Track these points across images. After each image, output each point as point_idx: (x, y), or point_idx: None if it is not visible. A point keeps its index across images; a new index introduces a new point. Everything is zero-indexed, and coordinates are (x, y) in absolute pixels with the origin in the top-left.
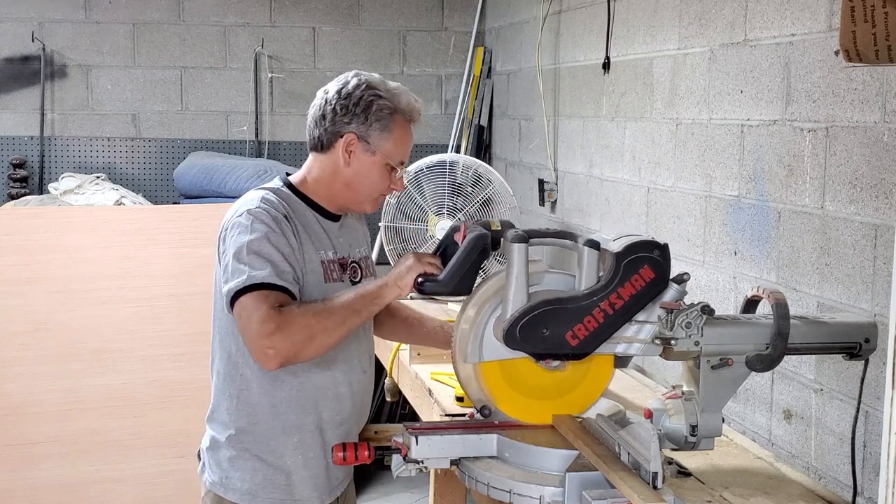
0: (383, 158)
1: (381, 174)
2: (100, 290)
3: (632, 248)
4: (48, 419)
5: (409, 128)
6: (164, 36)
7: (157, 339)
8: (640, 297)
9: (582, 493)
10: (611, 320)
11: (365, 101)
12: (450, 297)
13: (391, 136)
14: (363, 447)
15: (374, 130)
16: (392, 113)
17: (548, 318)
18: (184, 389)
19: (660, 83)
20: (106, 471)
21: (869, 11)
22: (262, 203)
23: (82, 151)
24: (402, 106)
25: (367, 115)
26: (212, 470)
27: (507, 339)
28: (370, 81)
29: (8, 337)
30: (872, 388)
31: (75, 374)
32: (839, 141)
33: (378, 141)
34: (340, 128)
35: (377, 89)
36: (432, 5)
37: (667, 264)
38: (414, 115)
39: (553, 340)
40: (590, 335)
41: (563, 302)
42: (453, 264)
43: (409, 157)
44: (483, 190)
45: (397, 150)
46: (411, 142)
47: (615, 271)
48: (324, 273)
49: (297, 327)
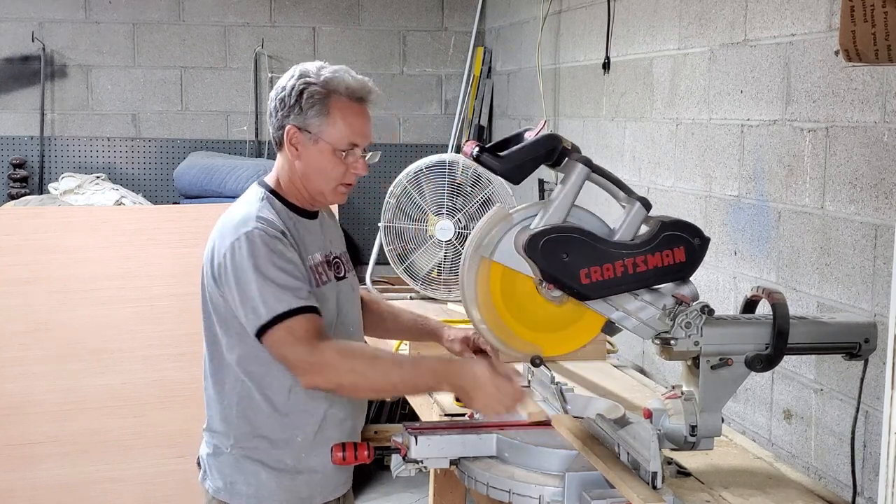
0: (327, 144)
1: (330, 161)
2: (100, 290)
3: (677, 225)
4: (48, 419)
5: (354, 107)
6: (164, 36)
7: (157, 339)
8: (662, 274)
9: (581, 493)
10: (626, 279)
11: (296, 90)
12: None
13: (330, 119)
14: (363, 447)
15: (311, 118)
16: (326, 97)
17: (573, 246)
18: (184, 389)
19: (660, 83)
20: (106, 471)
21: (868, 11)
22: (257, 223)
23: (82, 151)
24: (336, 87)
25: (301, 104)
26: (214, 477)
27: (529, 245)
28: (303, 71)
29: (8, 337)
30: (872, 388)
31: (75, 374)
32: (839, 141)
33: (318, 128)
34: (282, 122)
35: (307, 77)
36: (432, 5)
37: (700, 255)
38: (356, 92)
39: (568, 268)
40: (601, 282)
41: (594, 239)
42: (519, 149)
43: (368, 137)
44: (483, 190)
45: (341, 133)
46: (361, 120)
47: (653, 237)
48: (315, 279)
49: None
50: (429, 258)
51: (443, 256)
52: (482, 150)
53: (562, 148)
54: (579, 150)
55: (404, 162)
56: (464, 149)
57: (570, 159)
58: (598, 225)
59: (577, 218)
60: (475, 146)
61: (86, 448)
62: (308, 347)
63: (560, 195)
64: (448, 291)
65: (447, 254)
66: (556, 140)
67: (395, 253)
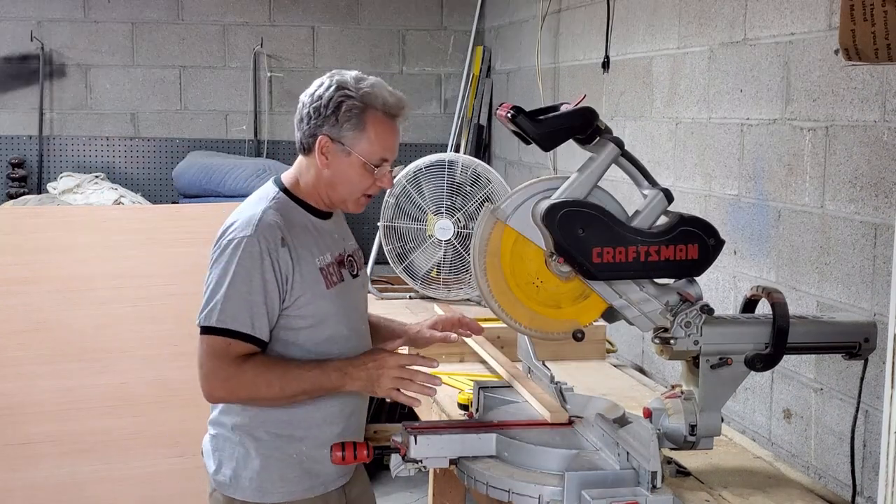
0: (359, 158)
1: (359, 174)
2: (99, 289)
3: (695, 222)
4: (47, 419)
5: (387, 123)
6: (163, 35)
7: (156, 338)
8: (672, 268)
9: (581, 492)
10: (637, 266)
11: (334, 102)
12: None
13: (365, 134)
14: (362, 447)
15: (346, 131)
16: (363, 111)
17: (591, 223)
18: (183, 389)
19: (659, 82)
20: (105, 471)
21: (868, 10)
22: (258, 230)
23: (81, 151)
24: (373, 102)
25: (337, 116)
26: (218, 470)
27: (547, 214)
28: (342, 81)
29: (8, 337)
30: (872, 388)
31: (75, 373)
32: (839, 140)
33: (352, 141)
34: (315, 131)
35: (347, 89)
36: (431, 4)
37: (713, 256)
38: (391, 109)
39: (581, 244)
40: (612, 264)
41: (613, 221)
42: (556, 116)
43: (395, 152)
44: (482, 189)
45: (374, 148)
46: (394, 137)
47: (670, 229)
48: (325, 280)
49: (246, 387)
50: (428, 258)
51: (442, 256)
52: (518, 112)
53: (596, 125)
54: (611, 131)
55: (404, 161)
56: (498, 112)
57: (602, 138)
58: (617, 208)
59: (598, 198)
60: (511, 108)
61: (85, 448)
62: (226, 366)
63: (586, 171)
64: (448, 291)
65: (446, 253)
66: (594, 114)
67: (394, 252)
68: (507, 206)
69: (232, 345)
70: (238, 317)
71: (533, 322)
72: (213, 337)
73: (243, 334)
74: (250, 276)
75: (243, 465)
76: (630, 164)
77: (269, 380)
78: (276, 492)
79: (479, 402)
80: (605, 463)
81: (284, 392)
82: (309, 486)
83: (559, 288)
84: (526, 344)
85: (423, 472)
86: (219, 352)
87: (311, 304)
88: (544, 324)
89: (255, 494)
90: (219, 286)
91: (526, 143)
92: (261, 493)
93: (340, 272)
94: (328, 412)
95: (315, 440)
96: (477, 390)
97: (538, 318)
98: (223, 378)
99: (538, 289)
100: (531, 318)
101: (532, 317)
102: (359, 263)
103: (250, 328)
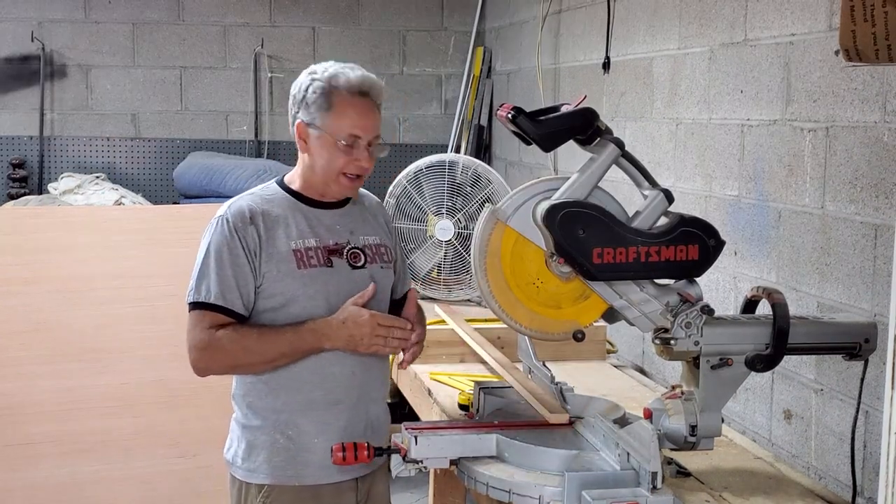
0: (330, 136)
1: (331, 153)
2: (100, 290)
3: (695, 222)
4: (47, 419)
5: (355, 100)
6: (163, 36)
7: (157, 339)
8: (673, 268)
9: (581, 492)
10: (637, 266)
11: (303, 87)
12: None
13: (331, 112)
14: (362, 447)
15: (315, 112)
16: (328, 91)
17: (591, 223)
18: (184, 389)
19: (660, 83)
20: (105, 471)
21: (869, 11)
22: (229, 210)
23: (82, 151)
24: (336, 82)
25: (305, 99)
26: (228, 448)
27: (548, 214)
28: (313, 69)
29: (8, 337)
30: (872, 388)
31: (75, 374)
32: (839, 141)
33: (322, 122)
34: (293, 119)
35: (314, 73)
36: (432, 5)
37: (713, 257)
38: (356, 86)
39: (581, 245)
40: (612, 264)
41: (613, 221)
42: (557, 116)
43: (371, 131)
44: (482, 190)
45: (341, 124)
46: (364, 114)
47: (671, 230)
48: (297, 261)
49: (223, 354)
50: (428, 258)
51: (442, 256)
52: (519, 113)
53: (596, 126)
54: (612, 132)
55: (404, 162)
56: (498, 112)
57: (603, 139)
58: (618, 209)
59: (599, 199)
60: (511, 109)
61: (85, 448)
62: (204, 335)
63: (587, 172)
64: (448, 291)
65: (447, 254)
66: (594, 115)
67: None
68: (507, 206)
69: (206, 316)
70: (211, 290)
71: (533, 322)
72: (192, 312)
73: (216, 306)
74: (220, 252)
75: (237, 445)
76: (630, 165)
77: (245, 346)
78: (262, 473)
79: (479, 402)
80: (605, 463)
81: (264, 357)
82: (294, 473)
83: (559, 288)
84: (526, 344)
85: (423, 472)
86: (196, 324)
87: (278, 282)
88: (544, 324)
89: (246, 475)
90: (196, 265)
91: (526, 144)
92: (250, 473)
93: (329, 259)
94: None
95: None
96: (477, 390)
97: (538, 319)
98: (200, 348)
99: (538, 289)
100: (531, 318)
101: (532, 317)
102: (370, 258)
103: (222, 300)
